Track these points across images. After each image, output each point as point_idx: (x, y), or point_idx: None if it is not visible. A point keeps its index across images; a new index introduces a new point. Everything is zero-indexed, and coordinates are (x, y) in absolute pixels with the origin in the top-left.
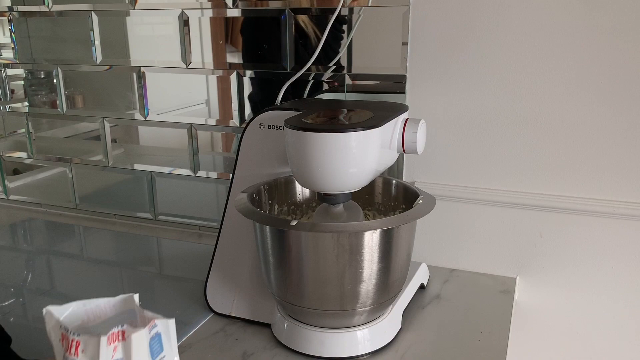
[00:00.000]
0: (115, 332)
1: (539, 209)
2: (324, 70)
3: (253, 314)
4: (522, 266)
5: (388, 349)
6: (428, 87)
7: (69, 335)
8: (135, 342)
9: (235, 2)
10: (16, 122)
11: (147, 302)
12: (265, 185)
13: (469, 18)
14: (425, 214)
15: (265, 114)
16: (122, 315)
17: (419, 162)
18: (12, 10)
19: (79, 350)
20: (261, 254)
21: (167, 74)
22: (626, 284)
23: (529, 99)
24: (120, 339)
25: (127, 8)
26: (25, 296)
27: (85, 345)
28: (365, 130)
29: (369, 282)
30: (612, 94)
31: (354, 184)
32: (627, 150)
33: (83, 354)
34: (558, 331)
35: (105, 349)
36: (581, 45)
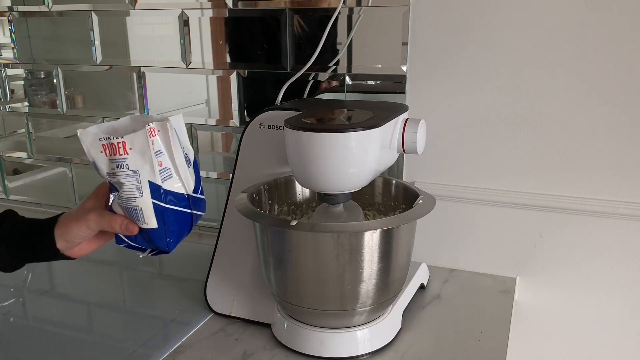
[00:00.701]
0: (150, 127)
1: (539, 209)
2: (324, 70)
3: (253, 314)
4: (522, 266)
5: (388, 349)
6: (428, 87)
7: (113, 141)
8: (168, 131)
9: (235, 2)
10: (16, 122)
11: (147, 302)
12: (265, 185)
13: (469, 18)
14: (425, 214)
15: (265, 114)
16: (137, 125)
17: (419, 162)
18: (12, 10)
19: (127, 148)
20: (261, 254)
21: (167, 74)
22: (626, 283)
23: (529, 99)
24: (153, 134)
25: (127, 8)
26: (25, 296)
27: (132, 142)
28: (365, 130)
29: (369, 282)
30: (612, 94)
31: (354, 184)
32: (627, 150)
33: (132, 150)
34: (558, 331)
35: (149, 140)
36: (581, 46)
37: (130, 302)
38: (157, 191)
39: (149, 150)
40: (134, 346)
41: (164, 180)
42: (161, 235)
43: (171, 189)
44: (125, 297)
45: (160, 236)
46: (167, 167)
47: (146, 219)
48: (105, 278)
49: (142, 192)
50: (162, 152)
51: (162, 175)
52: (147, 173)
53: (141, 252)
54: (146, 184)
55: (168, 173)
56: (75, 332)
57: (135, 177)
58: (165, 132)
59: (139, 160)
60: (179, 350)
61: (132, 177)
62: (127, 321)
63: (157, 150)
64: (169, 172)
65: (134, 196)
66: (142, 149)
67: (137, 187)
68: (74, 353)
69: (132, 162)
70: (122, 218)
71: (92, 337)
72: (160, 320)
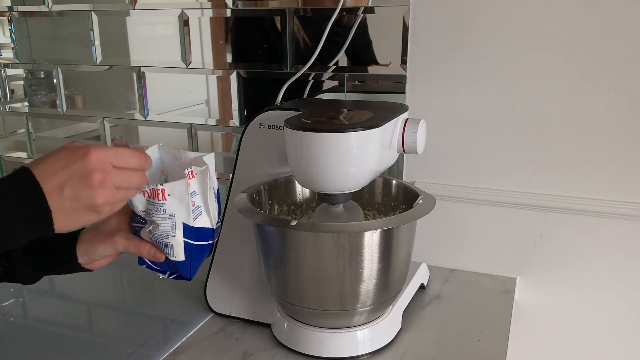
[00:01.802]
0: (187, 172)
1: (539, 209)
2: (324, 70)
3: (253, 314)
4: (522, 266)
5: (388, 349)
6: (428, 87)
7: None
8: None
9: (235, 2)
10: (16, 122)
11: (147, 302)
12: (265, 185)
13: (469, 18)
14: (425, 214)
15: (265, 114)
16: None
17: (419, 162)
18: (12, 10)
19: (165, 195)
20: (261, 254)
21: (167, 74)
22: (626, 283)
23: (528, 99)
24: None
25: (127, 8)
26: (25, 296)
27: (171, 190)
28: (365, 130)
29: (369, 282)
30: (612, 94)
31: (354, 184)
32: (627, 150)
33: (170, 196)
34: (558, 331)
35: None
36: (582, 46)
37: (130, 302)
38: (189, 231)
39: (186, 197)
40: (134, 346)
41: (195, 219)
42: (186, 266)
43: (200, 226)
44: (125, 297)
45: (186, 267)
46: (199, 205)
47: (175, 253)
48: (105, 278)
49: (176, 232)
50: (197, 192)
51: (194, 215)
52: (182, 216)
53: (162, 274)
54: (180, 226)
55: (199, 211)
56: (75, 332)
57: (171, 219)
58: (203, 177)
59: (176, 206)
60: (179, 351)
61: (168, 220)
62: (127, 321)
63: (192, 192)
64: (200, 210)
65: (167, 234)
66: (180, 196)
67: (172, 228)
68: (74, 353)
69: (170, 207)
70: (150, 246)
71: (92, 337)
72: (160, 320)
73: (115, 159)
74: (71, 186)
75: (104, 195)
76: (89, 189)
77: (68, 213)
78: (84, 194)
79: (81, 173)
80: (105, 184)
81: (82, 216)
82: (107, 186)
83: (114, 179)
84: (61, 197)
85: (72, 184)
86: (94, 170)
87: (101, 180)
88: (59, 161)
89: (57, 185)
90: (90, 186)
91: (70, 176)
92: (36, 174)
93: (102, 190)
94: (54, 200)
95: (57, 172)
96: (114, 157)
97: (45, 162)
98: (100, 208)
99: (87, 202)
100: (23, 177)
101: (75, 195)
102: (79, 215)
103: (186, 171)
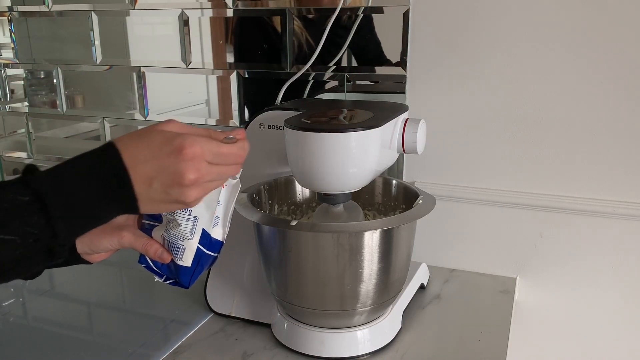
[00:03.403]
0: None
1: (539, 209)
2: (324, 70)
3: (253, 314)
4: (522, 266)
5: (388, 349)
6: (428, 87)
7: None
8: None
9: (235, 2)
10: (16, 122)
11: (147, 302)
12: (265, 185)
13: (469, 18)
14: (425, 214)
15: (265, 114)
16: None
17: (419, 162)
18: (12, 10)
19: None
20: (261, 254)
21: (167, 74)
22: (626, 283)
23: (528, 99)
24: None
25: (127, 8)
26: (25, 296)
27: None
28: (365, 130)
29: (369, 282)
30: (612, 93)
31: (354, 184)
32: (627, 150)
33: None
34: (558, 331)
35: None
36: (581, 46)
37: (130, 302)
38: (205, 237)
39: (214, 204)
40: (134, 346)
41: (213, 227)
42: (189, 273)
43: (215, 237)
44: (125, 297)
45: (187, 273)
46: (218, 216)
47: (184, 257)
48: (105, 278)
49: (194, 236)
50: (221, 203)
51: (213, 223)
52: (205, 221)
53: (158, 277)
54: (200, 230)
55: (217, 221)
56: (75, 332)
57: (194, 222)
58: (232, 190)
59: (203, 210)
60: (179, 350)
61: (190, 222)
62: (127, 321)
63: (218, 201)
64: (218, 221)
65: (184, 237)
66: (210, 201)
67: (192, 231)
68: (74, 353)
69: (197, 210)
70: (157, 245)
71: (92, 337)
72: (160, 320)
73: (211, 157)
74: (161, 181)
75: (195, 191)
76: (180, 187)
77: (155, 203)
78: (174, 191)
79: (173, 170)
80: (198, 182)
81: (168, 207)
82: (200, 183)
83: (207, 177)
84: (149, 188)
85: (163, 179)
86: (188, 170)
87: (194, 180)
88: (149, 149)
89: (146, 177)
90: (181, 185)
91: (162, 170)
92: (125, 158)
93: (194, 188)
94: (142, 190)
95: (148, 161)
96: (210, 155)
97: (135, 146)
98: (190, 203)
99: (176, 198)
100: (111, 160)
101: (165, 190)
102: (165, 205)
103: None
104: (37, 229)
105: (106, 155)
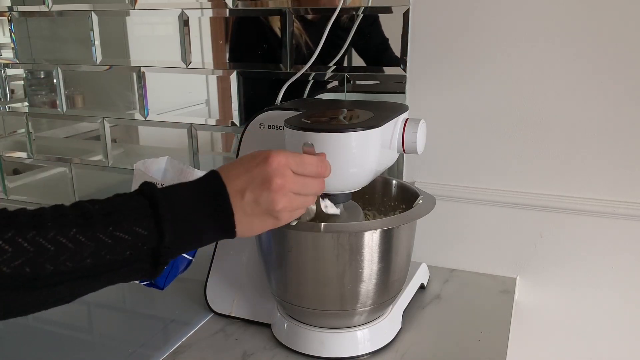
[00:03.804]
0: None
1: (539, 209)
2: (324, 70)
3: (253, 314)
4: (522, 266)
5: (388, 349)
6: (428, 87)
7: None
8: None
9: (235, 3)
10: (16, 122)
11: (147, 301)
12: None
13: (469, 18)
14: (425, 214)
15: (265, 114)
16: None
17: (419, 162)
18: (12, 10)
19: None
20: (261, 253)
21: (167, 74)
22: (626, 283)
23: (529, 99)
24: None
25: (127, 8)
26: None
27: None
28: (365, 130)
29: (369, 282)
30: (612, 93)
31: (354, 184)
32: (627, 150)
33: None
34: (558, 331)
35: None
36: (581, 45)
37: (130, 302)
38: None
39: None
40: (134, 346)
41: None
42: (164, 275)
43: None
44: (125, 297)
45: (162, 275)
46: None
47: None
48: None
49: None
50: None
51: None
52: None
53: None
54: None
55: None
56: (75, 332)
57: None
58: None
59: None
60: (179, 351)
61: None
62: (127, 321)
63: None
64: None
65: None
66: None
67: None
68: (74, 353)
69: None
70: None
71: (92, 337)
72: (160, 320)
73: (295, 166)
74: (252, 191)
75: (283, 200)
76: (268, 192)
77: (248, 217)
78: (263, 198)
79: (261, 178)
80: (284, 189)
81: (261, 221)
82: (286, 191)
83: (292, 185)
84: (242, 200)
85: (253, 188)
86: (274, 176)
87: (280, 186)
88: (242, 166)
89: (239, 189)
90: (269, 190)
91: (252, 180)
92: (223, 176)
93: (281, 195)
94: (236, 203)
95: (240, 175)
96: (294, 164)
97: (232, 166)
98: (279, 214)
99: (267, 207)
100: (212, 179)
101: (256, 199)
102: (258, 220)
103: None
104: (147, 231)
105: (209, 176)
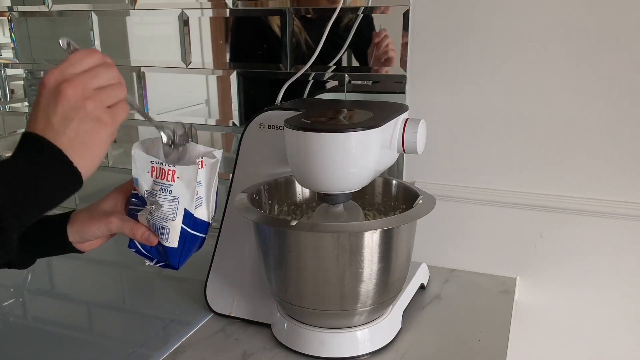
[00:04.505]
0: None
1: (539, 209)
2: (324, 70)
3: (253, 314)
4: (522, 266)
5: (388, 349)
6: (428, 87)
7: (164, 167)
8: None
9: (235, 3)
10: (16, 122)
11: (147, 302)
12: (265, 185)
13: (469, 18)
14: (425, 214)
15: (265, 114)
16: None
17: (419, 162)
18: (12, 10)
19: (175, 176)
20: (261, 254)
21: (167, 74)
22: (626, 283)
23: (529, 99)
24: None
25: (127, 8)
26: (25, 296)
27: (181, 173)
28: (365, 130)
29: (369, 282)
30: (612, 93)
31: (354, 184)
32: (627, 150)
33: (179, 179)
34: (558, 331)
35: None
36: (581, 45)
37: (130, 302)
38: (188, 218)
39: (194, 183)
40: (134, 346)
41: (196, 208)
42: (177, 254)
43: (199, 217)
44: (125, 297)
45: (176, 255)
46: (201, 196)
47: (170, 239)
48: (105, 278)
49: (176, 216)
50: (202, 183)
51: (195, 204)
52: (186, 201)
53: (149, 261)
54: (182, 211)
55: (200, 202)
56: (75, 332)
57: (175, 202)
58: (211, 169)
59: (182, 190)
60: (179, 350)
61: (171, 202)
62: (127, 321)
63: (198, 181)
64: (201, 201)
65: (167, 218)
66: (188, 181)
67: (174, 211)
68: (74, 353)
69: (176, 190)
70: (144, 229)
71: (92, 337)
72: (160, 320)
73: (68, 67)
74: (53, 112)
75: (84, 97)
76: (66, 100)
77: (72, 135)
78: (65, 107)
79: (51, 97)
80: (75, 86)
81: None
82: (78, 88)
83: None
84: (53, 127)
85: (52, 109)
86: (58, 85)
87: (69, 86)
88: (34, 110)
89: (46, 121)
90: (65, 97)
91: (47, 106)
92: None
93: (79, 93)
94: (49, 133)
95: (37, 114)
96: (65, 66)
97: (32, 119)
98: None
99: (77, 113)
100: (23, 136)
101: (62, 114)
102: (83, 132)
103: (198, 160)
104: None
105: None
